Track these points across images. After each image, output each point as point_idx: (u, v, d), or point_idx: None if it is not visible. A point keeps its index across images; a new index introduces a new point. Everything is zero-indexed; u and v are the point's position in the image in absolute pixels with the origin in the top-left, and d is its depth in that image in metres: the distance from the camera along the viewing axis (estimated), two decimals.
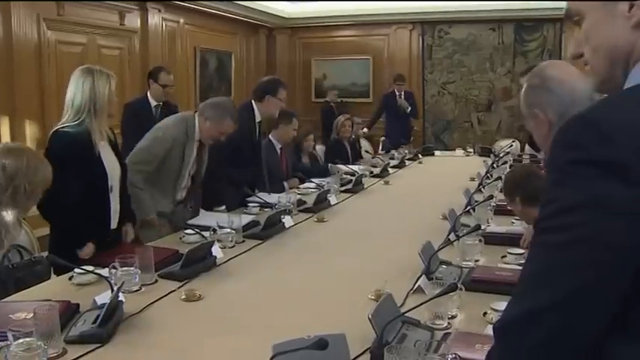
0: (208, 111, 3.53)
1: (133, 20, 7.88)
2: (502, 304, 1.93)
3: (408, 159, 6.75)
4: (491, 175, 4.92)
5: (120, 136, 3.90)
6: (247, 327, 1.93)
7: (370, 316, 1.73)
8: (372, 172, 5.57)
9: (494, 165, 5.52)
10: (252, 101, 4.31)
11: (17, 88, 6.20)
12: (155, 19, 8.24)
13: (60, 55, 6.71)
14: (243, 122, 3.88)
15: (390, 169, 5.84)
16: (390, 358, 1.52)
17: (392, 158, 6.55)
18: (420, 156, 7.18)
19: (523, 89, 1.80)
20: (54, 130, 2.94)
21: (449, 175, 5.50)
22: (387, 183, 5.21)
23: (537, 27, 10.21)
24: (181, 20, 8.86)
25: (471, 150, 7.59)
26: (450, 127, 10.91)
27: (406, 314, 1.86)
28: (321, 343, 1.46)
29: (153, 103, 5.11)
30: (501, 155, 6.53)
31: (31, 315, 1.82)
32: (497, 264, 2.69)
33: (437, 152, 7.72)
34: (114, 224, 3.04)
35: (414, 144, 9.10)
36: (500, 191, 4.37)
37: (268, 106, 4.26)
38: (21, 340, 1.65)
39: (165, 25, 8.50)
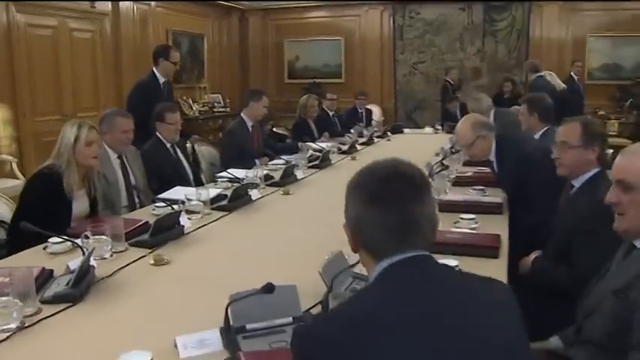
0: (102, 127, 3.57)
1: (104, 3, 7.93)
2: (440, 260, 2.11)
3: (377, 137, 6.92)
4: (455, 150, 5.12)
5: None
6: (210, 285, 2.08)
7: (320, 269, 1.90)
8: (340, 149, 5.73)
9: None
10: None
11: None
12: (126, 2, 8.27)
13: (30, 38, 6.76)
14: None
15: (358, 146, 6.01)
16: (334, 303, 1.69)
17: (361, 136, 6.71)
18: (389, 134, 7.35)
19: None
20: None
21: (415, 150, 5.66)
22: (353, 159, 5.38)
23: (506, 7, 10.39)
24: (153, 3, 8.92)
25: (440, 127, 7.77)
26: (421, 107, 11.08)
27: (356, 269, 2.02)
28: (268, 287, 1.63)
29: (161, 79, 5.22)
30: None
31: (8, 278, 1.95)
32: (449, 228, 2.87)
33: (406, 130, 7.89)
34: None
35: (385, 123, 9.28)
36: (463, 164, 4.60)
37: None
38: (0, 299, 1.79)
39: (137, 8, 8.54)
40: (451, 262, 2.20)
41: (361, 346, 1.09)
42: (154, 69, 5.24)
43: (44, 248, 2.55)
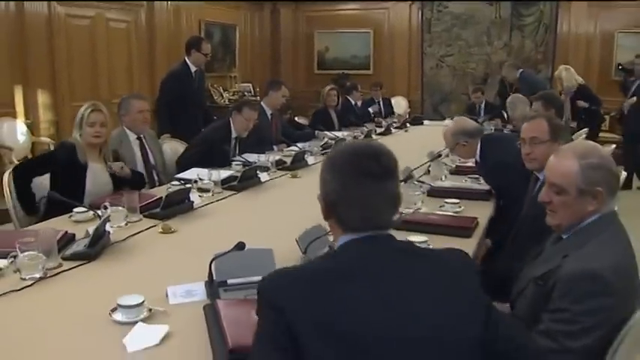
0: (120, 111, 3.99)
1: None
2: (414, 238, 2.38)
3: (396, 127, 7.17)
4: None
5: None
6: (207, 250, 2.37)
7: (297, 238, 2.20)
8: (355, 138, 6.00)
9: None
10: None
11: (29, 60, 6.70)
12: None
13: (69, 28, 7.20)
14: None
15: (374, 136, 6.28)
16: (304, 258, 1.99)
17: (379, 126, 6.97)
18: (409, 125, 7.58)
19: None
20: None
21: (428, 140, 5.88)
22: None
23: (534, 2, 10.44)
24: None
25: None
26: (448, 99, 11.22)
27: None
28: (239, 245, 1.95)
29: (192, 69, 5.58)
30: (482, 124, 6.95)
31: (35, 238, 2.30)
32: (434, 211, 3.13)
33: (426, 122, 8.10)
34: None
35: (410, 114, 9.51)
36: None
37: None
38: (27, 253, 2.14)
39: None
40: (420, 237, 2.47)
41: (302, 297, 1.27)
42: (186, 58, 5.59)
43: (70, 217, 2.91)
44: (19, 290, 2.01)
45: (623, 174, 3.54)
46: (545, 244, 2.03)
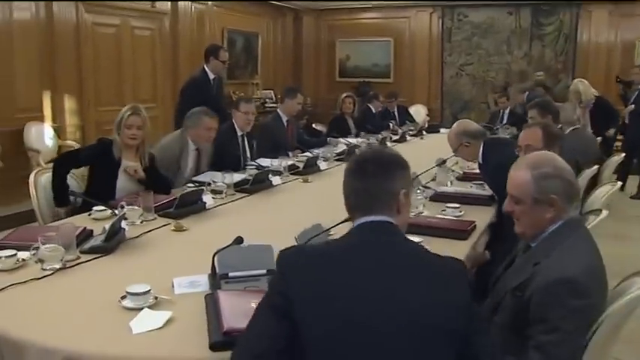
0: (187, 122, 4.20)
1: (164, 2, 8.58)
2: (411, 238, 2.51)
3: (412, 135, 7.30)
4: None
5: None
6: (215, 246, 2.52)
7: (297, 236, 2.35)
8: (370, 145, 6.13)
9: None
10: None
11: (58, 66, 6.97)
12: (185, 1, 8.91)
13: (96, 35, 7.46)
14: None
15: (389, 143, 6.41)
16: None
17: (394, 133, 7.10)
18: (425, 132, 7.70)
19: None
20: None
21: (441, 148, 6.00)
22: None
23: (554, 11, 10.52)
24: (210, 2, 9.50)
25: None
26: (468, 108, 11.33)
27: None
28: (238, 240, 2.11)
29: (211, 76, 5.79)
30: (498, 131, 7.06)
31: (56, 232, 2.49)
32: (435, 215, 3.26)
33: (442, 130, 8.19)
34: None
35: (429, 122, 9.61)
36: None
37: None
38: (47, 245, 2.32)
39: (194, 7, 9.16)
40: (415, 239, 2.60)
41: (307, 271, 1.49)
42: (205, 66, 5.79)
43: (89, 214, 3.11)
44: (39, 279, 2.20)
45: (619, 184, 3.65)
46: (515, 253, 2.14)
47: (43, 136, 6.71)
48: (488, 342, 1.59)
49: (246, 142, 4.87)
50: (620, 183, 3.73)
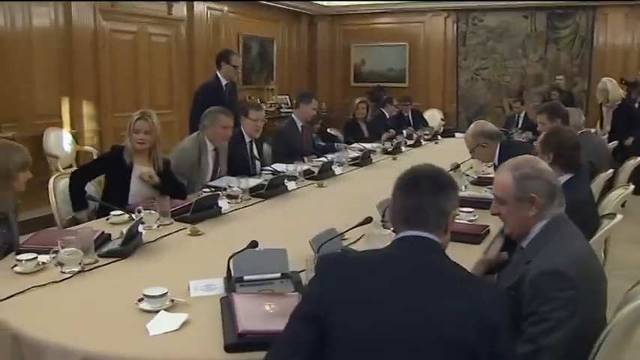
0: (204, 122, 4.25)
1: (180, 9, 8.66)
2: None
3: (426, 139, 7.31)
4: None
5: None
6: (231, 250, 2.56)
7: (311, 240, 2.38)
8: (385, 150, 6.15)
9: None
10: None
11: (76, 73, 7.06)
12: (200, 7, 9.00)
13: (113, 42, 7.56)
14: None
15: (403, 148, 6.42)
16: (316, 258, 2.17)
17: (410, 138, 7.10)
18: (440, 137, 7.70)
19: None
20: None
21: (456, 153, 6.00)
22: (394, 159, 5.81)
23: (569, 14, 10.47)
24: (225, 9, 9.58)
25: None
26: (483, 112, 11.27)
27: (348, 246, 2.49)
28: (252, 244, 2.14)
29: (223, 82, 5.82)
30: (513, 136, 7.05)
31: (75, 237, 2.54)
32: None
33: (457, 134, 8.19)
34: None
35: (445, 126, 9.60)
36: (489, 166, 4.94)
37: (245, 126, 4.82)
38: (67, 249, 2.37)
39: (210, 14, 9.24)
40: None
41: (344, 278, 1.53)
42: (217, 72, 5.83)
43: (107, 219, 3.16)
44: (59, 282, 2.25)
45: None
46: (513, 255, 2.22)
47: (61, 142, 6.80)
48: None
49: (254, 148, 4.89)
50: (632, 186, 3.72)
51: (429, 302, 1.47)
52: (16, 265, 2.38)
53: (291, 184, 4.15)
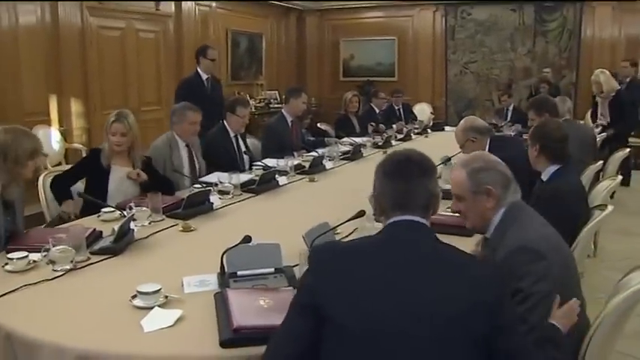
0: (173, 118, 4.28)
1: (168, 5, 8.60)
2: None
3: (416, 133, 7.32)
4: None
5: None
6: (223, 246, 2.55)
7: (304, 234, 2.38)
8: (376, 144, 6.16)
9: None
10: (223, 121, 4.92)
11: (63, 70, 7.01)
12: (188, 3, 8.96)
13: (101, 39, 7.51)
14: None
15: (393, 142, 6.43)
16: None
17: (400, 132, 7.11)
18: (429, 131, 7.72)
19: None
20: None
21: (445, 146, 6.01)
22: (384, 152, 5.79)
23: (557, 7, 10.49)
24: (213, 4, 9.54)
25: None
26: (472, 106, 11.31)
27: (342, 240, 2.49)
28: (246, 239, 2.13)
29: (204, 76, 5.87)
30: (502, 129, 7.09)
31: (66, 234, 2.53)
32: (442, 212, 3.27)
33: (447, 128, 8.21)
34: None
35: (434, 120, 9.63)
36: None
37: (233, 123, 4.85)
38: (58, 247, 2.36)
39: (198, 10, 9.19)
40: None
41: (337, 267, 1.54)
42: (197, 67, 5.90)
43: (98, 216, 3.14)
44: (51, 280, 2.24)
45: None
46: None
47: (50, 140, 6.74)
48: (517, 342, 1.54)
49: (240, 142, 4.89)
50: (620, 177, 3.77)
51: (424, 286, 1.48)
52: (6, 264, 2.36)
53: (282, 179, 4.15)
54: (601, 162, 4.28)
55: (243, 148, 4.88)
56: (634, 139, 8.07)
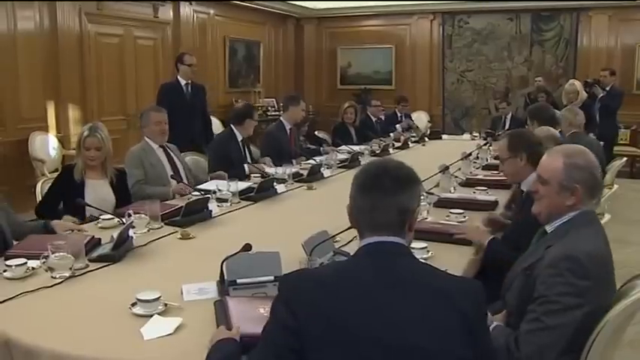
0: (141, 122, 4.32)
1: (166, 12, 8.63)
2: (414, 244, 2.54)
3: (414, 141, 7.33)
4: (478, 155, 5.55)
5: None
6: (222, 254, 2.55)
7: (303, 242, 2.37)
8: (373, 152, 6.16)
9: (485, 145, 6.10)
10: (232, 125, 5.08)
11: (61, 76, 7.03)
12: (186, 10, 8.99)
13: (99, 45, 7.53)
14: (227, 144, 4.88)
15: (391, 150, 6.44)
16: (309, 261, 2.17)
17: (398, 140, 7.13)
18: (427, 139, 7.73)
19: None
20: None
21: (443, 154, 6.01)
22: None
23: (554, 17, 10.55)
24: (211, 11, 9.57)
25: (477, 134, 8.10)
26: (469, 114, 11.36)
27: (337, 245, 2.49)
28: (246, 247, 2.13)
29: (182, 82, 5.95)
30: (499, 136, 7.10)
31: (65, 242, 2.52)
32: (439, 221, 3.29)
33: (444, 136, 8.24)
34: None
35: (431, 129, 9.64)
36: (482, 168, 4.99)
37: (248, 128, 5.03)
38: (57, 254, 2.35)
39: (196, 17, 9.23)
40: (420, 244, 2.64)
41: (311, 297, 1.42)
42: (177, 74, 6.04)
43: (97, 224, 3.14)
44: (49, 287, 2.23)
45: None
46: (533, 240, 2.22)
47: (47, 146, 6.75)
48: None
49: (245, 146, 5.05)
50: (616, 186, 3.80)
51: (404, 313, 1.41)
52: (5, 271, 2.36)
53: (280, 187, 4.15)
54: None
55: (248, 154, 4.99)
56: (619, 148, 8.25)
